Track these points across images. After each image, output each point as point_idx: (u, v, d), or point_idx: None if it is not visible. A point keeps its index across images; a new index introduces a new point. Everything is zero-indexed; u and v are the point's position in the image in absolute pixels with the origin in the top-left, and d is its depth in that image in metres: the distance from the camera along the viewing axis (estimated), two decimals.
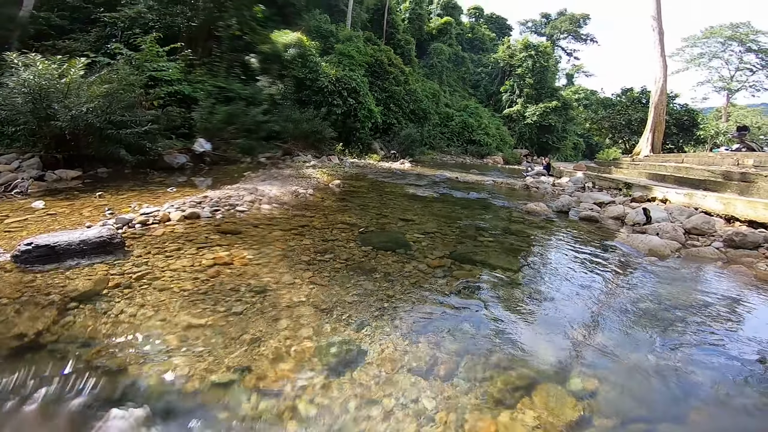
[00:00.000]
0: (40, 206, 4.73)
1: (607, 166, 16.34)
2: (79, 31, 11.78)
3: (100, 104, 6.73)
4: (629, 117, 25.89)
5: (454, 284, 3.50)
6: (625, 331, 2.88)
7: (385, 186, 9.61)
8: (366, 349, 2.36)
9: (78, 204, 5.00)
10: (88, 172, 6.92)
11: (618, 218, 7.39)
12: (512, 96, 40.63)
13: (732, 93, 42.31)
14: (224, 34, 13.44)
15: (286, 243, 4.21)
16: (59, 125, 6.29)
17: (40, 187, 5.76)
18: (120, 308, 2.55)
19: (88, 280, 2.88)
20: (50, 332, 2.24)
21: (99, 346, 2.15)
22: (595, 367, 2.39)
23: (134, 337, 2.27)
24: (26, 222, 4.14)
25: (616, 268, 4.50)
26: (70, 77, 6.69)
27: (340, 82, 16.44)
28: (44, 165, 6.54)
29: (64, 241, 3.30)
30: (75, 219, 4.34)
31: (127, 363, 2.04)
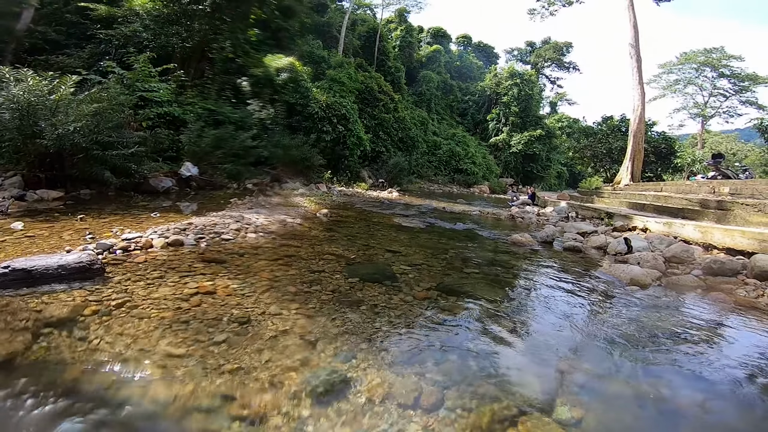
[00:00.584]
0: (19, 227, 4.61)
1: (590, 195, 16.53)
2: (74, 46, 11.85)
3: (88, 124, 6.69)
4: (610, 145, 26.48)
5: (440, 316, 3.50)
6: (609, 359, 2.91)
7: (373, 216, 9.66)
8: (352, 380, 2.34)
9: (58, 227, 4.88)
10: (71, 192, 6.80)
11: (600, 248, 7.51)
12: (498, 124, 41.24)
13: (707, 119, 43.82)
14: (217, 56, 13.60)
15: (272, 273, 4.16)
16: (44, 143, 6.22)
17: (20, 207, 5.63)
18: (97, 335, 2.48)
19: (64, 306, 2.80)
20: (23, 357, 2.17)
21: (74, 372, 2.09)
22: (581, 395, 2.40)
23: (111, 366, 2.20)
24: (3, 243, 4.03)
25: (599, 297, 4.57)
26: (60, 94, 6.66)
27: (330, 109, 16.61)
28: (26, 184, 6.42)
29: (41, 265, 3.21)
30: (54, 242, 4.23)
31: (103, 390, 1.98)
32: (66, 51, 11.48)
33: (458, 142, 33.88)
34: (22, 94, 6.15)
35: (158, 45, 11.95)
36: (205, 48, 13.26)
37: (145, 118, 9.31)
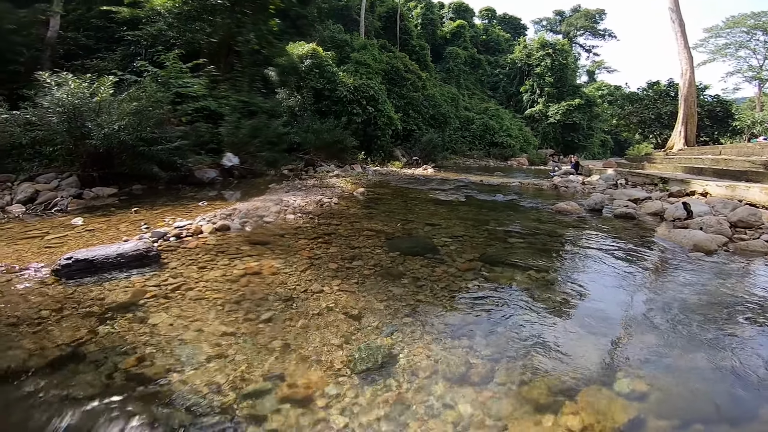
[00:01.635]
0: (79, 223, 4.94)
1: (640, 162, 15.88)
2: (105, 50, 12.38)
3: (131, 122, 6.96)
4: (658, 111, 25.28)
5: (486, 287, 3.41)
6: (674, 330, 2.71)
7: (410, 192, 9.58)
8: (397, 355, 2.31)
9: (115, 220, 5.20)
10: (124, 189, 7.20)
11: (656, 214, 7.09)
12: (533, 96, 39.96)
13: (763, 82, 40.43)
14: (243, 49, 13.76)
15: (312, 251, 4.23)
16: (93, 143, 6.55)
17: (79, 205, 6.03)
18: (157, 318, 2.61)
19: (125, 292, 2.97)
20: (90, 342, 2.31)
21: (137, 355, 2.19)
22: (644, 368, 2.25)
23: (171, 346, 2.30)
24: (66, 238, 4.33)
25: (660, 264, 4.28)
26: (101, 95, 6.95)
27: (358, 91, 16.52)
28: (81, 183, 6.81)
29: (102, 254, 3.42)
30: (112, 234, 4.51)
31: (164, 372, 2.06)
32: (99, 54, 12.02)
33: (491, 116, 32.91)
34: (66, 97, 6.46)
35: (185, 42, 12.19)
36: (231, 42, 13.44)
37: (184, 113, 9.61)
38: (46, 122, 6.63)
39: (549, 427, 1.78)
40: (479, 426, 1.79)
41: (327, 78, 15.86)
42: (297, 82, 15.29)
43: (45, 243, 4.12)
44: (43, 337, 2.33)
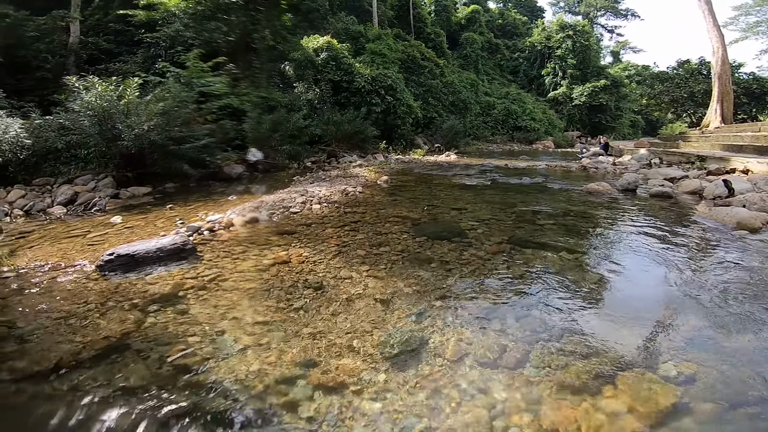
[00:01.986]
0: (118, 221, 5.17)
1: (674, 141, 15.44)
2: (126, 53, 12.74)
3: (159, 122, 7.16)
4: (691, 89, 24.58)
5: (517, 269, 3.34)
6: (721, 311, 2.58)
7: (433, 178, 9.49)
8: (428, 340, 2.31)
9: (151, 217, 5.41)
10: (157, 187, 7.47)
11: (694, 192, 6.80)
12: (555, 78, 38.84)
13: None
14: (260, 46, 13.89)
15: (340, 239, 4.27)
16: (125, 144, 6.79)
17: (116, 204, 6.30)
18: (196, 309, 2.71)
19: (166, 284, 3.09)
20: (135, 334, 2.41)
21: (180, 345, 2.27)
22: (689, 351, 2.16)
23: (210, 336, 2.38)
24: (107, 235, 4.54)
25: (702, 243, 4.08)
26: (128, 97, 7.17)
27: (376, 81, 16.42)
28: (117, 183, 7.11)
29: (142, 249, 3.56)
30: (150, 230, 4.69)
31: (204, 361, 2.13)
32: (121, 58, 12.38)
33: (513, 100, 32.11)
34: (95, 101, 6.69)
35: (203, 41, 12.35)
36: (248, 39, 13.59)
37: (209, 112, 9.84)
38: (78, 126, 6.88)
39: (587, 409, 1.73)
40: (514, 410, 1.76)
41: (344, 70, 15.85)
42: (314, 76, 15.34)
43: (87, 241, 4.32)
44: (91, 330, 2.44)
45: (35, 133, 6.95)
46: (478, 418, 1.72)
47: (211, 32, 12.46)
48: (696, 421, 1.68)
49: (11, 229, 4.83)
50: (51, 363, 2.11)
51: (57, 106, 7.40)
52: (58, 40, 11.28)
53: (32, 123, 7.12)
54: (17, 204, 5.88)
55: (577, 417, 1.70)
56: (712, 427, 1.67)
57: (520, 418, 1.71)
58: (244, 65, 13.33)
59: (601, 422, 1.67)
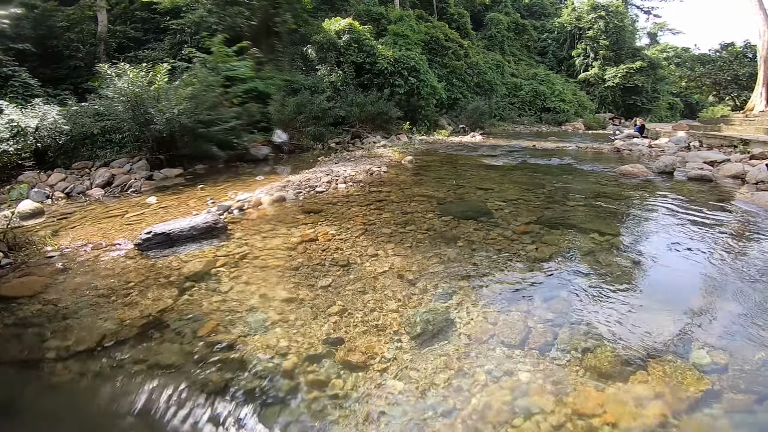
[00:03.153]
0: (153, 201, 5.37)
1: (715, 124, 14.86)
2: (153, 40, 13.05)
3: (188, 106, 7.34)
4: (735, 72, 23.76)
5: (545, 250, 3.28)
6: (757, 300, 2.47)
7: (459, 159, 9.34)
8: (453, 319, 2.31)
9: (184, 197, 5.59)
10: (188, 169, 7.71)
11: (736, 176, 6.45)
12: (586, 60, 37.36)
13: None
14: (282, 29, 13.92)
15: (366, 218, 4.30)
16: (158, 128, 7.02)
17: (151, 185, 6.54)
18: (228, 286, 2.79)
19: (199, 262, 3.20)
20: (171, 310, 2.52)
21: (213, 322, 2.36)
22: (723, 339, 2.09)
23: (241, 313, 2.45)
24: (143, 215, 4.72)
25: (741, 228, 3.88)
26: (158, 83, 7.38)
27: (399, 63, 16.26)
28: (151, 166, 7.38)
29: (177, 228, 3.71)
30: (183, 210, 4.86)
31: (236, 338, 2.20)
32: (149, 45, 12.74)
33: (541, 81, 31.00)
34: (128, 87, 6.90)
35: (226, 26, 12.45)
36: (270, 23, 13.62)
37: (235, 95, 9.98)
38: (113, 111, 7.15)
39: (615, 396, 1.71)
40: (540, 392, 1.74)
41: (366, 52, 15.76)
42: (336, 58, 15.29)
43: (125, 221, 4.51)
44: (131, 308, 2.55)
45: (72, 119, 7.27)
46: (502, 399, 1.72)
47: (234, 17, 12.56)
48: (725, 410, 1.64)
49: (53, 211, 5.08)
50: (94, 341, 2.21)
51: (91, 93, 7.68)
52: (87, 30, 11.62)
53: (69, 110, 7.44)
54: (58, 187, 6.18)
55: (603, 401, 1.68)
56: (740, 417, 1.62)
57: (544, 400, 1.70)
58: (267, 49, 13.41)
59: (627, 408, 1.65)
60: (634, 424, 1.58)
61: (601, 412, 1.63)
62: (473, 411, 1.67)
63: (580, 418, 1.61)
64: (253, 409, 1.73)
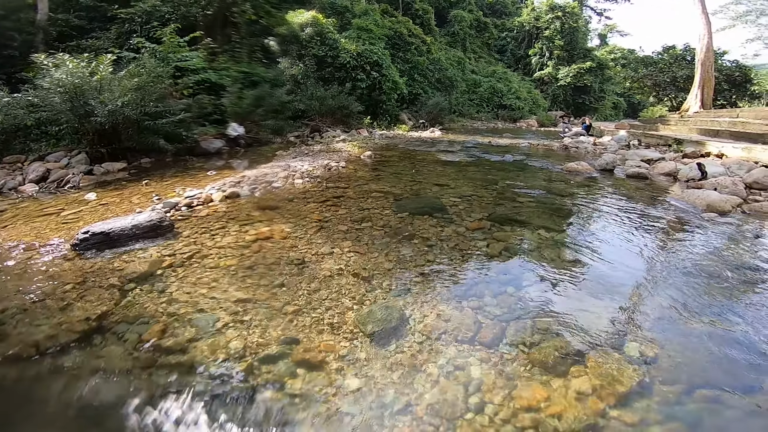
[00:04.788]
0: (93, 198, 5.00)
1: (653, 124, 15.83)
2: (99, 29, 12.20)
3: (134, 97, 6.98)
4: (674, 74, 25.17)
5: (496, 246, 3.41)
6: (686, 294, 2.68)
7: (417, 154, 9.47)
8: (409, 316, 2.35)
9: (127, 193, 5.26)
10: (133, 163, 7.26)
11: (669, 174, 6.98)
12: (542, 59, 39.12)
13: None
14: (240, 20, 13.49)
15: (322, 214, 4.26)
16: (99, 120, 6.59)
17: (90, 181, 6.09)
18: (175, 287, 2.67)
19: (143, 263, 3.03)
20: (113, 314, 2.37)
21: (159, 325, 2.25)
22: (654, 332, 2.25)
23: (190, 315, 2.36)
24: (81, 213, 4.40)
25: (672, 224, 4.22)
26: (101, 74, 6.96)
27: (362, 57, 16.18)
28: (91, 160, 6.89)
29: (117, 227, 3.47)
30: (126, 207, 4.56)
31: (185, 341, 2.12)
32: (93, 34, 11.87)
33: (499, 79, 32.24)
34: (66, 78, 6.44)
35: (180, 16, 11.95)
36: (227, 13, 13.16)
37: (185, 87, 9.59)
38: (48, 103, 6.63)
39: (558, 389, 1.80)
40: (490, 388, 1.81)
41: (329, 45, 15.56)
42: (298, 51, 15.00)
43: (61, 219, 4.18)
44: (69, 312, 2.39)
45: (3, 110, 6.67)
46: (455, 394, 1.78)
47: (189, 6, 12.02)
48: (656, 403, 1.74)
49: None
50: (30, 346, 2.07)
51: (26, 83, 7.09)
52: (26, 18, 10.70)
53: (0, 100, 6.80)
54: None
55: (549, 395, 1.77)
56: (671, 409, 1.72)
57: (494, 396, 1.77)
58: (223, 39, 12.97)
59: (569, 402, 1.74)
60: (576, 416, 1.66)
61: (547, 405, 1.71)
62: (428, 406, 1.72)
63: (528, 411, 1.69)
64: (207, 412, 1.68)
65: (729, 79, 23.51)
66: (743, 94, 24.65)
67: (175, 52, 10.13)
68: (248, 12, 13.58)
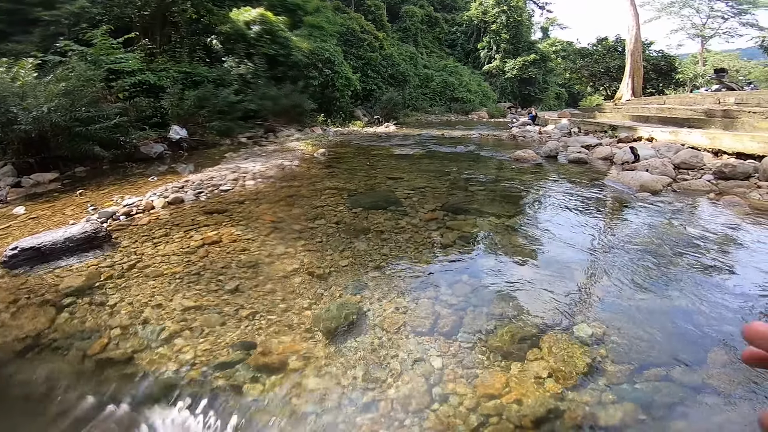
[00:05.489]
0: (22, 212, 4.58)
1: (591, 112, 16.63)
2: (21, 33, 11.15)
3: (62, 102, 6.48)
4: (607, 65, 26.62)
5: (449, 235, 3.48)
6: (627, 272, 2.81)
7: (371, 149, 9.49)
8: (367, 312, 2.33)
9: (59, 205, 4.85)
10: (65, 172, 6.71)
11: (606, 158, 7.45)
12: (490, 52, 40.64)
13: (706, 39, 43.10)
14: (181, 19, 12.84)
15: (275, 215, 4.15)
16: (23, 128, 6.05)
17: (19, 194, 5.57)
18: (116, 299, 2.51)
19: (80, 276, 2.82)
20: (52, 331, 2.20)
21: (102, 339, 2.11)
22: (600, 311, 2.34)
23: (134, 326, 2.23)
24: (9, 228, 4.02)
25: (610, 205, 4.51)
26: (23, 79, 6.47)
27: (314, 55, 16.00)
28: (18, 171, 6.31)
29: (48, 241, 3.20)
30: (58, 219, 4.22)
31: (132, 353, 2.00)
32: (14, 38, 10.83)
33: (450, 73, 33.16)
34: None
35: (113, 17, 11.18)
36: (166, 13, 12.48)
37: (121, 89, 9.04)
38: None
39: (517, 374, 1.83)
40: (452, 377, 1.82)
41: (280, 44, 15.16)
42: (246, 50, 14.47)
43: None
44: (4, 331, 2.21)
45: None
46: (418, 387, 1.77)
47: (123, 7, 11.24)
48: (608, 383, 1.77)
49: None
50: None
51: None
52: None
53: None
54: None
55: (508, 382, 1.79)
56: (623, 389, 1.75)
57: (456, 385, 1.78)
58: (162, 40, 12.29)
59: (528, 387, 1.77)
60: (536, 401, 1.70)
61: (507, 391, 1.74)
62: (393, 400, 1.71)
63: (490, 398, 1.71)
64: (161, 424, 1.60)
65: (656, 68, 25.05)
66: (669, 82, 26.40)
67: (107, 54, 9.48)
68: (189, 11, 12.93)
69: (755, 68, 40.55)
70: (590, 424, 1.60)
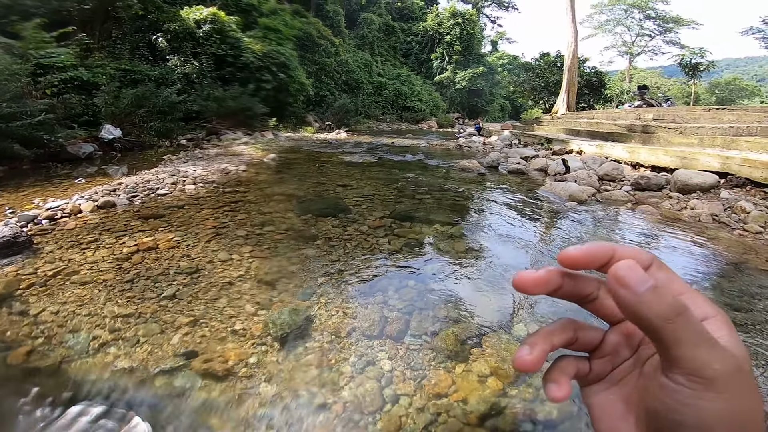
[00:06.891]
0: None
1: (531, 125, 17.57)
2: None
3: None
4: (547, 79, 28.23)
5: (396, 242, 3.57)
6: None
7: (322, 156, 9.45)
8: (315, 317, 2.34)
9: None
10: None
11: (542, 169, 7.98)
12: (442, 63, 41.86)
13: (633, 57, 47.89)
14: (125, 15, 12.06)
15: (218, 220, 4.00)
16: None
17: None
18: (39, 308, 2.31)
19: None
20: None
21: (25, 348, 1.95)
22: (536, 312, 2.51)
23: (61, 335, 2.07)
24: None
25: (543, 214, 4.87)
26: None
27: (268, 57, 15.64)
28: None
29: None
30: None
31: (59, 363, 1.86)
32: None
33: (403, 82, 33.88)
34: None
35: (50, 10, 10.25)
36: (109, 8, 11.67)
37: (49, 85, 8.26)
38: None
39: (461, 374, 1.91)
40: (401, 379, 1.87)
41: (230, 44, 14.66)
42: (193, 49, 13.88)
43: None
44: None
45: None
46: (370, 389, 1.81)
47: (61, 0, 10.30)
48: None
49: None
50: None
51: None
52: None
53: None
54: None
55: (454, 381, 1.87)
56: None
57: (407, 386, 1.83)
58: (102, 35, 11.48)
59: (472, 385, 1.86)
60: (481, 398, 1.79)
61: (453, 391, 1.81)
62: (346, 402, 1.73)
63: (438, 398, 1.77)
64: None
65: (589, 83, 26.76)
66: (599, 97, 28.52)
67: (38, 48, 8.71)
68: (135, 7, 12.18)
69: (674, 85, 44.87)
70: (530, 418, 1.70)
